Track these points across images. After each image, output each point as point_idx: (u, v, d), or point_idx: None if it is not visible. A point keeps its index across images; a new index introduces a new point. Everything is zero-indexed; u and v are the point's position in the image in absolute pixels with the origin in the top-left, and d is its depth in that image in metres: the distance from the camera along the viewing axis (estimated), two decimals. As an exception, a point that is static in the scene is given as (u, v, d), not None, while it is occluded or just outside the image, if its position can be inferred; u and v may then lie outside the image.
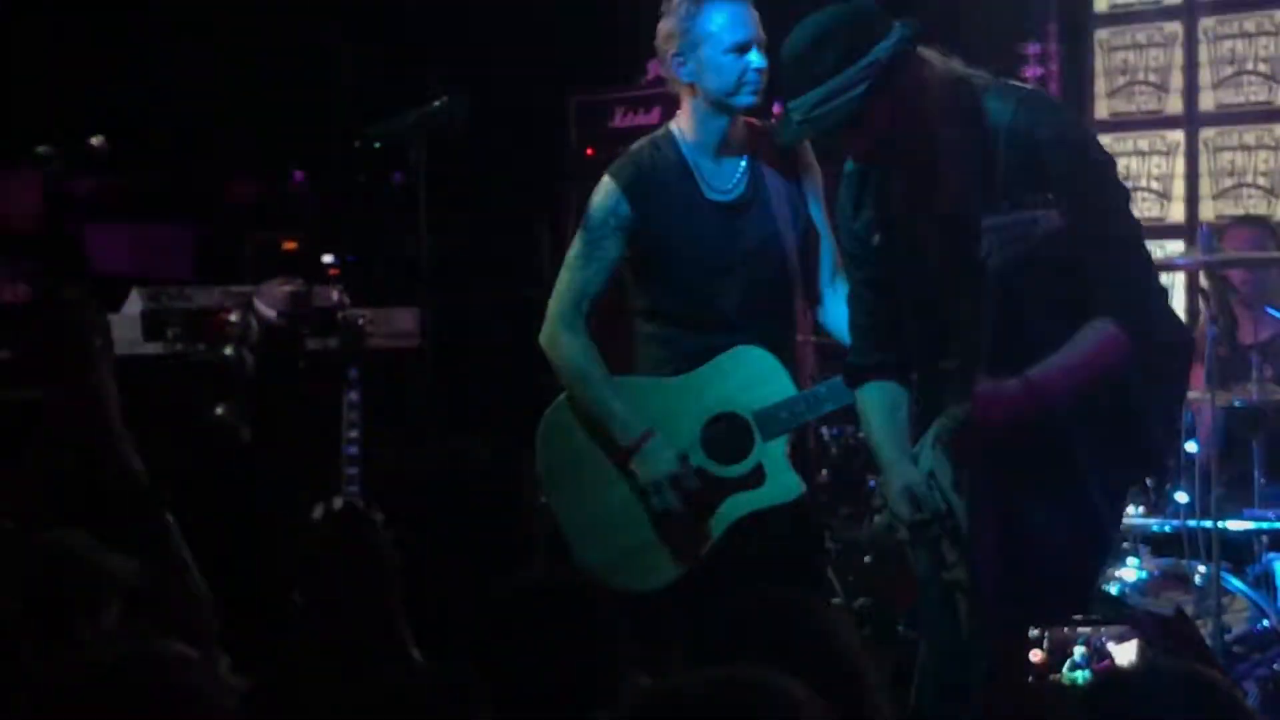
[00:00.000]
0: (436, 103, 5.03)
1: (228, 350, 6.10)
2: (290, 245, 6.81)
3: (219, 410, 6.02)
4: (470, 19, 7.37)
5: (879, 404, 3.93)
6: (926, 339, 3.83)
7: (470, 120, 5.09)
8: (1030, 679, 3.79)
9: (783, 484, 4.42)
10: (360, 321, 5.64)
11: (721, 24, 4.37)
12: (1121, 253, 3.71)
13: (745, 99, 4.40)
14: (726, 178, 4.49)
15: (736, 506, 4.41)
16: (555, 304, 4.54)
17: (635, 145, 4.60)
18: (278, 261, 6.63)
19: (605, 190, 4.50)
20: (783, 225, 4.46)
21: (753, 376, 4.42)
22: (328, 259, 6.59)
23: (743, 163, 4.48)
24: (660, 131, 4.57)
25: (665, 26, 4.45)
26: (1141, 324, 3.64)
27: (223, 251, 6.90)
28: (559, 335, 4.51)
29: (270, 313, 6.15)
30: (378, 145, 4.99)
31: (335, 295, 6.08)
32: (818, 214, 4.52)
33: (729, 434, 4.42)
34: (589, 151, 7.21)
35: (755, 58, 4.37)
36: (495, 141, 7.22)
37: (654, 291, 4.53)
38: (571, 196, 7.11)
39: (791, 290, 4.51)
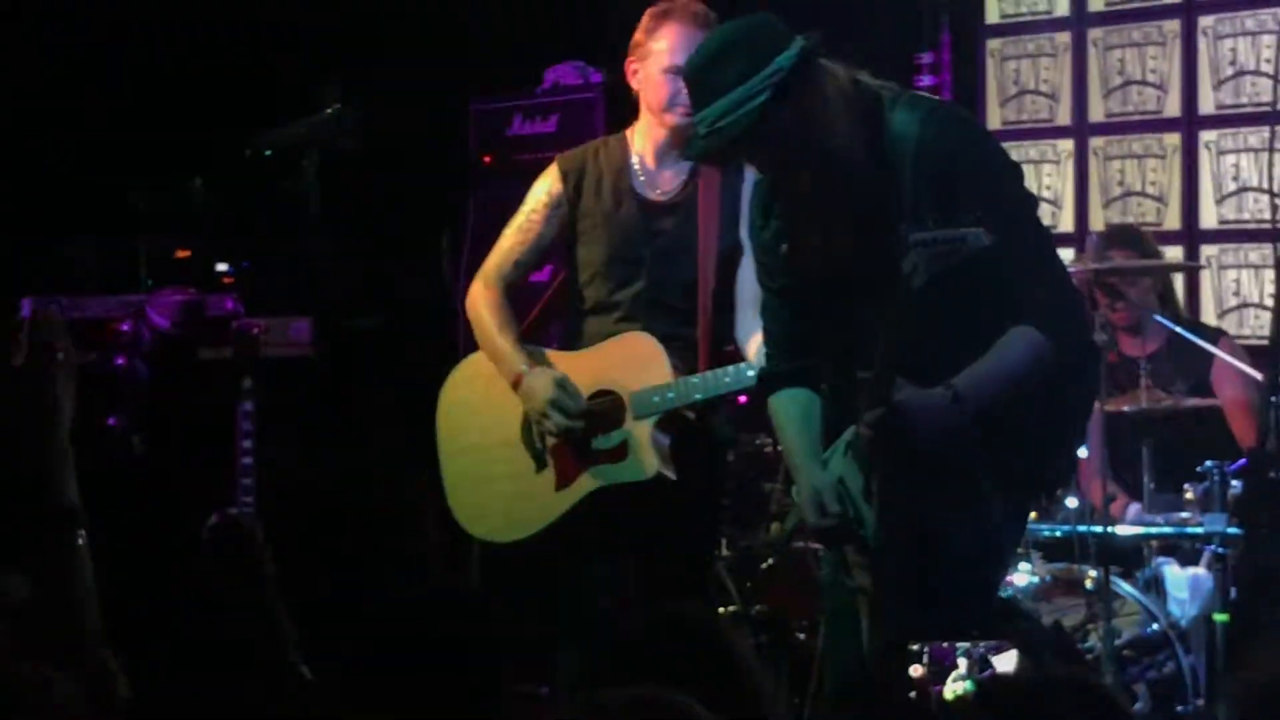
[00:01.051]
0: (328, 110, 5.02)
1: (120, 360, 6.05)
2: (183, 254, 6.75)
3: (111, 421, 5.97)
4: (367, 27, 7.33)
5: (792, 411, 3.96)
6: (838, 348, 3.85)
7: (366, 128, 5.08)
8: (912, 693, 3.82)
9: (638, 464, 4.62)
10: (254, 331, 5.61)
11: (667, 45, 4.63)
12: (1037, 261, 3.75)
13: (674, 118, 4.63)
14: (665, 180, 4.75)
15: (596, 476, 4.66)
16: (484, 265, 4.85)
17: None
18: (171, 270, 6.57)
19: (548, 171, 4.83)
20: (706, 233, 4.66)
21: (635, 360, 4.65)
22: (221, 267, 6.54)
23: (686, 169, 4.72)
24: (621, 133, 4.85)
25: (634, 35, 4.75)
26: (1062, 329, 3.69)
27: (116, 260, 6.83)
28: (475, 289, 4.82)
29: (163, 322, 6.10)
30: (268, 153, 4.97)
31: (229, 304, 6.04)
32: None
33: (605, 408, 4.67)
34: (486, 159, 7.19)
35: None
36: (393, 149, 7.19)
37: (577, 275, 4.80)
38: (469, 203, 7.10)
39: (697, 293, 4.69)
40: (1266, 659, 1.83)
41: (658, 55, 4.64)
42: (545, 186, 4.81)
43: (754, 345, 4.50)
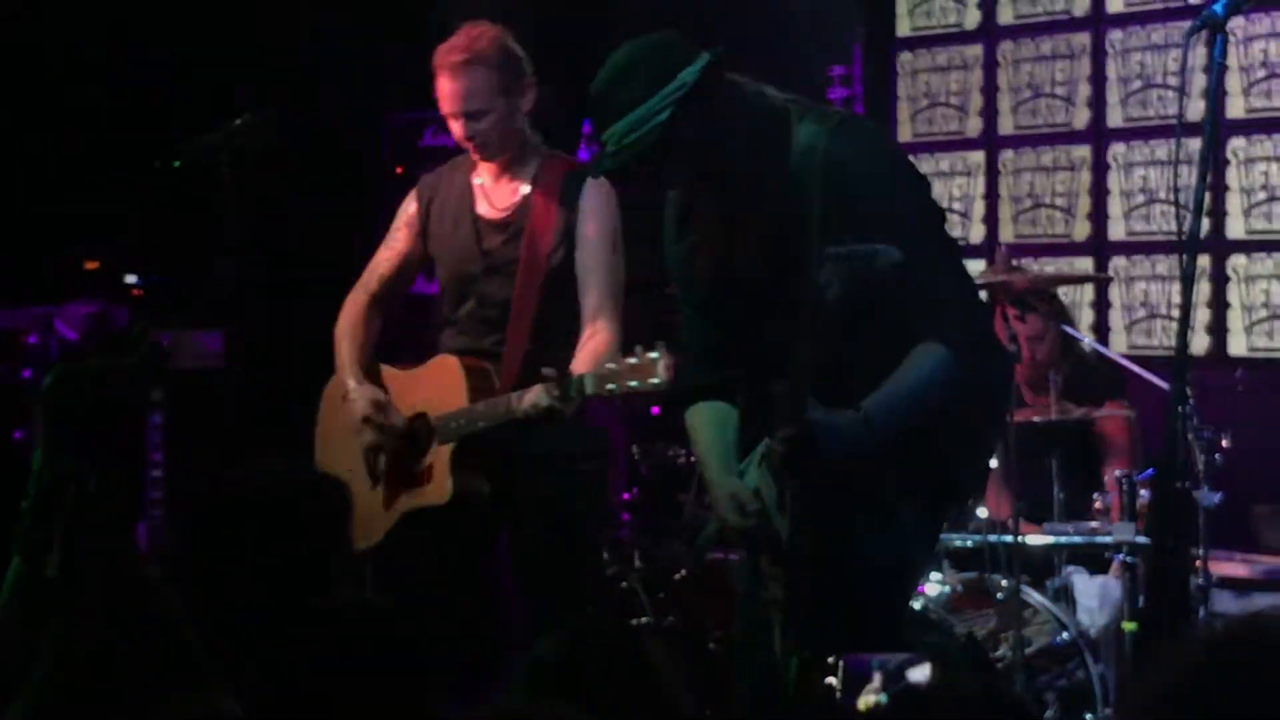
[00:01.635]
0: (240, 121, 4.99)
1: (27, 373, 5.99)
2: (92, 265, 6.69)
3: (17, 434, 5.91)
4: (282, 37, 7.30)
5: (707, 422, 3.97)
6: (751, 362, 3.86)
7: (279, 139, 5.06)
8: (826, 704, 3.83)
9: (437, 488, 4.68)
10: (163, 343, 5.56)
11: (438, 92, 4.81)
12: (944, 274, 3.76)
13: (476, 154, 4.80)
14: (501, 199, 4.83)
15: (408, 498, 4.75)
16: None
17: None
18: (79, 282, 6.52)
19: (411, 190, 5.02)
20: (530, 252, 4.73)
21: (440, 384, 4.72)
22: (130, 279, 6.49)
23: (523, 189, 4.81)
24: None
25: None
26: (968, 345, 3.70)
27: (23, 271, 6.76)
28: (345, 301, 4.99)
29: (71, 334, 6.05)
30: (178, 164, 4.94)
31: (137, 316, 5.99)
32: (585, 256, 4.72)
33: (420, 431, 4.75)
34: (399, 170, 7.19)
35: (458, 129, 4.76)
36: (306, 160, 7.16)
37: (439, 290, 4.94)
38: (381, 214, 7.07)
39: (512, 309, 4.76)
40: (1167, 663, 1.85)
41: (438, 100, 4.81)
42: (405, 206, 4.99)
43: (585, 352, 4.57)
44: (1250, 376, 6.22)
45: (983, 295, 6.64)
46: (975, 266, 7.16)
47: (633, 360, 4.20)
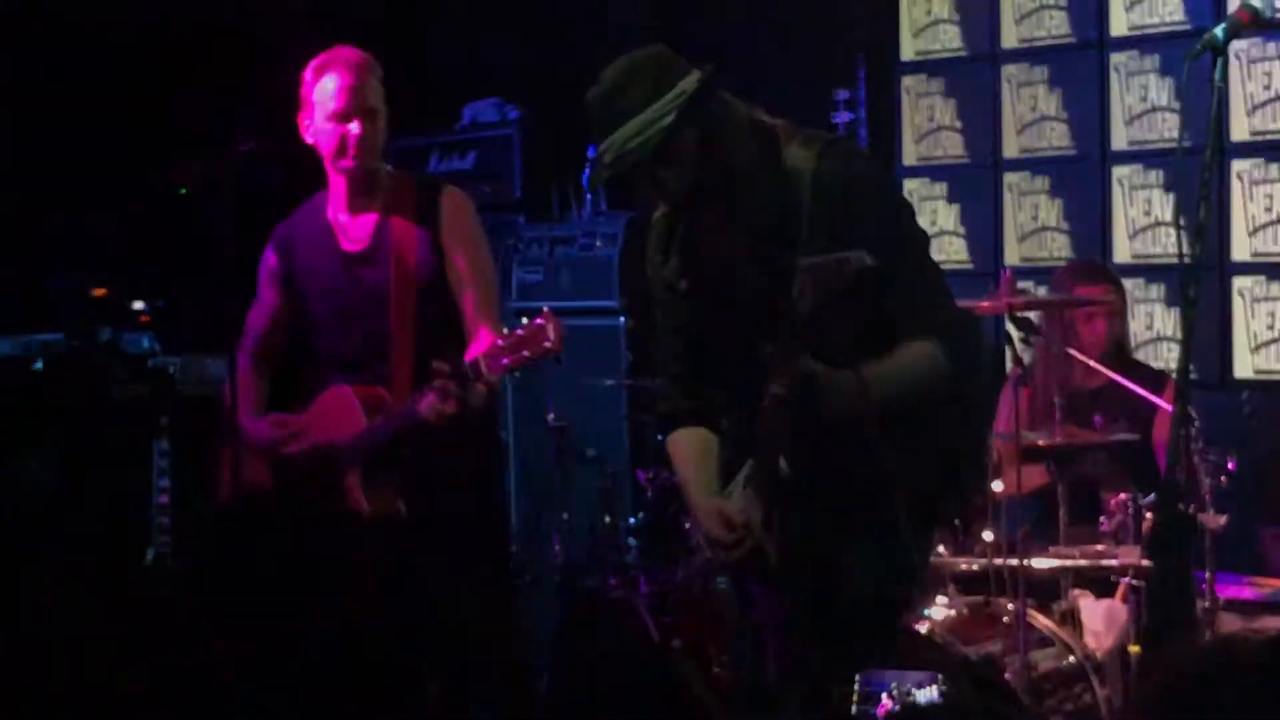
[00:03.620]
0: (243, 148, 5.00)
1: (35, 400, 6.00)
2: (99, 292, 6.70)
3: (28, 461, 5.92)
4: (283, 63, 7.32)
5: (690, 448, 3.98)
6: (737, 383, 3.86)
7: (282, 164, 5.07)
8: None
9: (353, 507, 4.69)
10: (170, 369, 5.58)
11: (326, 94, 4.76)
12: (928, 290, 3.79)
13: (345, 163, 4.78)
14: (359, 230, 4.84)
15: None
16: None
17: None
18: (86, 308, 6.52)
19: (267, 246, 5.02)
20: (400, 277, 4.75)
21: (338, 414, 4.75)
22: (137, 305, 6.50)
23: (375, 218, 4.82)
24: (324, 190, 4.95)
25: (300, 93, 4.86)
26: (957, 349, 3.72)
27: (29, 298, 6.77)
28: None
29: (80, 360, 6.06)
30: (183, 191, 4.96)
31: (145, 342, 6.00)
32: (455, 264, 4.77)
33: (325, 463, 4.77)
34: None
35: (355, 125, 4.74)
36: (309, 186, 7.18)
37: (305, 335, 4.95)
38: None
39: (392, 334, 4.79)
40: (1144, 685, 1.87)
41: (322, 104, 4.77)
42: (264, 261, 5.00)
43: (473, 352, 4.56)
44: (1256, 399, 6.21)
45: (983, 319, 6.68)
46: (980, 290, 7.19)
47: (520, 332, 4.33)
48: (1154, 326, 6.90)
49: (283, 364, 5.10)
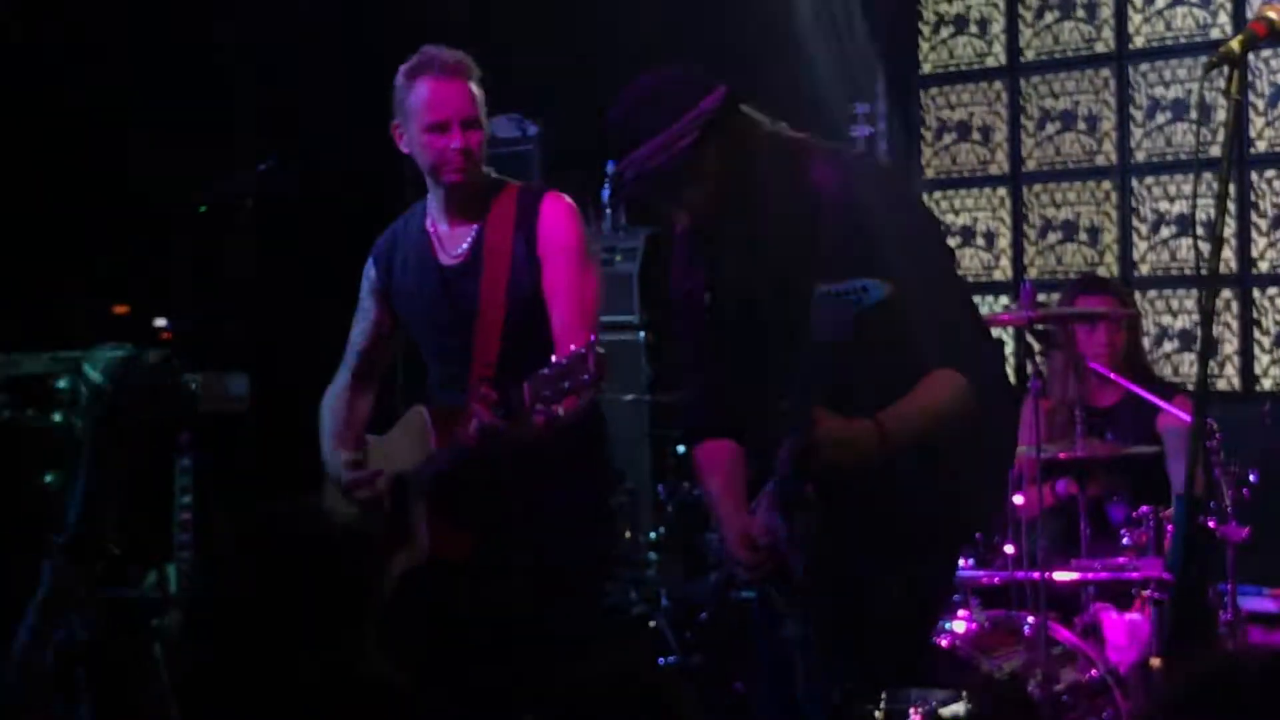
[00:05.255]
0: (262, 166, 5.01)
1: (57, 417, 6.01)
2: (121, 309, 6.72)
3: (48, 478, 5.93)
4: (302, 79, 7.34)
5: (716, 462, 3.96)
6: (759, 400, 3.86)
7: (303, 182, 5.09)
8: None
9: (418, 547, 4.43)
10: (192, 387, 5.59)
11: (421, 104, 4.43)
12: (954, 311, 3.76)
13: (449, 177, 4.46)
14: (458, 243, 4.55)
15: (399, 562, 4.44)
16: None
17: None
18: (108, 325, 6.54)
19: (368, 258, 4.76)
20: (489, 295, 4.46)
21: (412, 437, 4.50)
22: (159, 323, 6.52)
23: (475, 228, 4.52)
24: (424, 198, 4.67)
25: (394, 97, 4.55)
26: (982, 374, 3.71)
27: (52, 316, 6.80)
28: (332, 382, 4.79)
29: (100, 378, 6.07)
30: (203, 209, 4.96)
31: (166, 360, 6.01)
32: (548, 279, 4.46)
33: (400, 491, 4.50)
34: (423, 211, 7.20)
35: (456, 138, 4.41)
36: (329, 203, 7.19)
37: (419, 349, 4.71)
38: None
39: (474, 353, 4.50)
40: (1155, 701, 1.87)
41: (416, 114, 4.44)
42: (365, 273, 4.75)
43: None
44: (1278, 411, 6.19)
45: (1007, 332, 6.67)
46: (1003, 302, 7.19)
47: (561, 361, 4.03)
48: (1176, 337, 6.89)
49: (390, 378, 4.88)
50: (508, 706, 4.33)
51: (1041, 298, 5.90)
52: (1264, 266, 6.67)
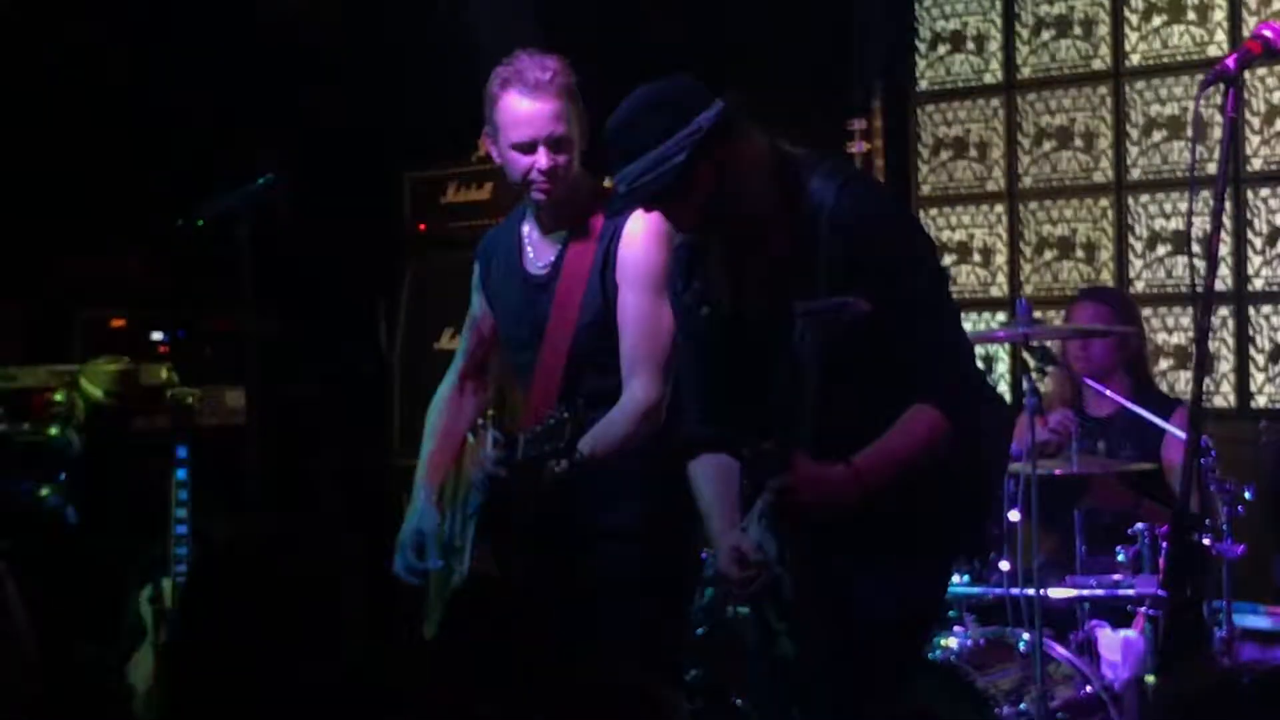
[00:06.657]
0: (260, 180, 5.00)
1: (53, 430, 6.01)
2: (118, 323, 6.73)
3: (44, 491, 5.94)
4: (301, 94, 7.35)
5: (710, 475, 3.96)
6: (751, 416, 3.86)
7: (299, 197, 5.08)
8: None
9: (458, 566, 4.39)
10: (189, 400, 5.60)
11: (508, 120, 4.32)
12: (939, 338, 3.75)
13: (534, 195, 4.36)
14: (545, 253, 4.44)
15: (447, 584, 4.44)
16: None
17: None
18: (105, 339, 6.55)
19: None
20: (561, 309, 4.36)
21: (471, 456, 4.44)
22: (156, 336, 6.53)
23: (562, 240, 4.42)
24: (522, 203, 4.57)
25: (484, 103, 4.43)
26: (960, 407, 3.71)
27: (49, 329, 6.81)
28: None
29: (97, 391, 6.08)
30: (201, 223, 4.95)
31: (164, 373, 6.02)
32: (622, 306, 4.34)
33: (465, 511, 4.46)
34: (421, 227, 7.21)
35: (542, 158, 4.29)
36: (327, 217, 7.20)
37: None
38: (405, 271, 7.11)
39: (536, 376, 4.42)
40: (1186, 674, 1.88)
41: (505, 129, 4.33)
42: (475, 268, 4.65)
43: (610, 415, 4.25)
44: (1273, 429, 6.20)
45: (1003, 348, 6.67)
46: (1000, 318, 7.20)
47: (537, 429, 3.98)
48: (1172, 355, 6.89)
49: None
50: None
51: (1037, 314, 5.91)
52: (1259, 284, 6.68)
